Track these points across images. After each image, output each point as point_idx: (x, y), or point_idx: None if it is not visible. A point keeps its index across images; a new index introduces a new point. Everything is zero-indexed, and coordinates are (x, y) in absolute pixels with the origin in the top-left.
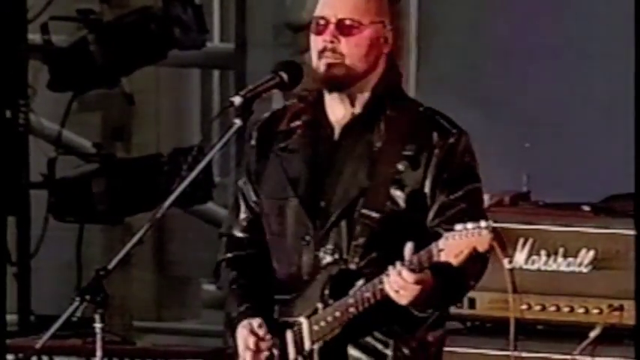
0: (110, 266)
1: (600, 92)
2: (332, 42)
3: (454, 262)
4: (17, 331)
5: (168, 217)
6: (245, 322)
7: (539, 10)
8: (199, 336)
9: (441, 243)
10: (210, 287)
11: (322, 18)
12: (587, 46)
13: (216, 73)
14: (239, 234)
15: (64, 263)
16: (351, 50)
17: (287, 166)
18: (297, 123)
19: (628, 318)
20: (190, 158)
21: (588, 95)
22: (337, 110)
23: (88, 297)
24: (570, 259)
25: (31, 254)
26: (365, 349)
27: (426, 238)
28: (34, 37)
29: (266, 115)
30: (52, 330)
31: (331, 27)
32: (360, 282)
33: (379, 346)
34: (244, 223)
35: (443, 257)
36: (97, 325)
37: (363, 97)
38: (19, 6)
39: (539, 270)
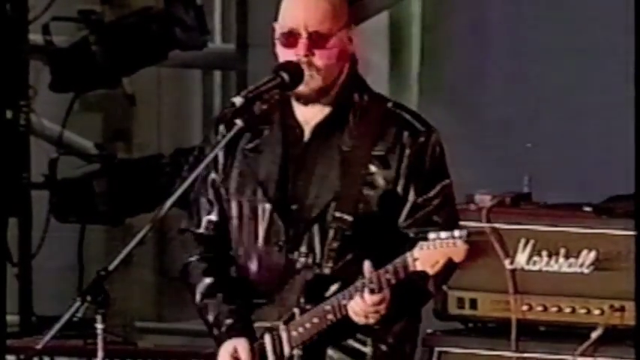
0: (111, 267)
1: (601, 92)
2: (306, 56)
3: (430, 271)
4: (18, 331)
5: (170, 218)
6: (230, 345)
7: (540, 9)
8: (201, 336)
9: (416, 252)
10: None
11: (292, 30)
12: (588, 46)
13: (217, 74)
14: (206, 232)
15: (65, 264)
16: (325, 62)
17: (256, 167)
18: (266, 124)
19: (629, 319)
20: (191, 159)
21: (589, 95)
22: (306, 111)
23: (89, 298)
24: (572, 260)
25: (32, 255)
26: (344, 349)
27: (398, 239)
28: (36, 37)
29: (231, 109)
30: (54, 331)
31: (303, 40)
32: (335, 286)
33: (357, 345)
34: (213, 220)
35: (419, 266)
36: (99, 326)
37: (331, 96)
38: (20, 6)
39: (540, 271)
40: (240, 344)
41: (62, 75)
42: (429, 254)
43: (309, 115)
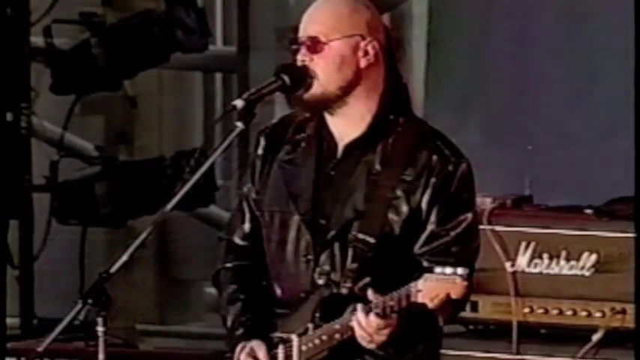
0: (112, 269)
1: (603, 95)
2: (303, 61)
3: (430, 305)
4: (19, 334)
5: (171, 220)
6: (247, 345)
7: (541, 12)
8: (202, 339)
9: (420, 284)
10: (213, 290)
11: (296, 39)
12: (589, 48)
13: (218, 76)
14: (239, 241)
15: (66, 266)
16: (323, 67)
17: (289, 180)
18: (302, 135)
19: (630, 321)
20: (193, 161)
21: (591, 98)
22: (342, 127)
23: (90, 300)
24: (573, 263)
25: (33, 257)
26: None
27: (417, 265)
28: (37, 39)
29: (273, 121)
30: (55, 333)
31: (303, 46)
32: (350, 307)
33: None
34: (246, 231)
35: (420, 298)
36: (100, 329)
37: (368, 117)
38: (21, 9)
39: (541, 273)
40: (257, 345)
41: (63, 77)
42: (431, 287)
43: (344, 133)
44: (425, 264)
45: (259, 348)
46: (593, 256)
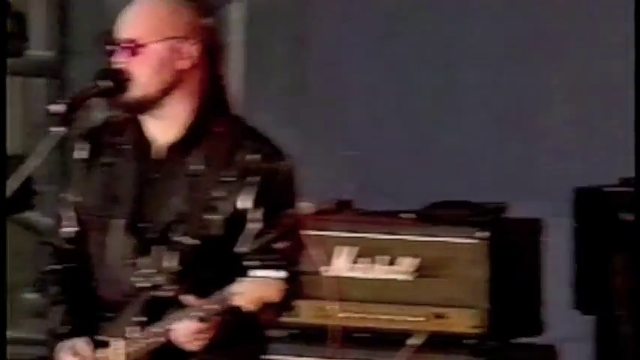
0: None
1: (421, 99)
2: (120, 63)
3: (248, 307)
4: None
5: None
6: (69, 344)
7: (359, 17)
8: (21, 345)
9: (235, 287)
10: (32, 296)
11: (113, 40)
12: (403, 53)
13: (38, 81)
14: (63, 245)
15: None
16: (141, 70)
17: (110, 183)
18: (123, 138)
19: (452, 325)
20: (11, 167)
21: (410, 102)
22: (162, 130)
23: None
24: (392, 267)
25: None
26: None
27: (241, 265)
28: None
29: (93, 124)
30: None
31: (119, 49)
32: (173, 309)
33: None
34: (70, 235)
35: (237, 301)
36: None
37: (187, 118)
38: None
39: (360, 278)
40: (79, 341)
41: None
42: (247, 290)
43: (163, 134)
44: (247, 263)
45: (83, 348)
46: (414, 261)
